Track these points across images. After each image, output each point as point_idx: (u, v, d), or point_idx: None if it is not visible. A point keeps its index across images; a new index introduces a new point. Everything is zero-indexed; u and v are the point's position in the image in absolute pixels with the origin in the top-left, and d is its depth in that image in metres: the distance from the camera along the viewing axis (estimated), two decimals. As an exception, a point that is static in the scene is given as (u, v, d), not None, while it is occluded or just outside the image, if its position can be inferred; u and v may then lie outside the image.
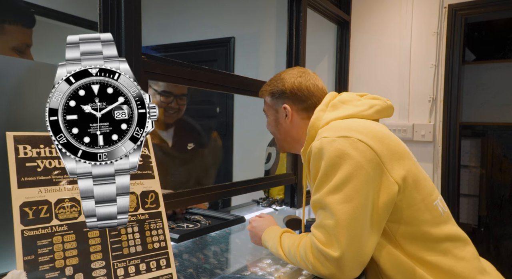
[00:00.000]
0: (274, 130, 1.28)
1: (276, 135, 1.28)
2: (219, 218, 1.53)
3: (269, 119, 1.29)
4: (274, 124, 1.27)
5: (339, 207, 0.94)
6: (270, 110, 1.27)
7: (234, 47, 2.94)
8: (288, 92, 1.22)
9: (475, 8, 2.21)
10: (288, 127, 1.24)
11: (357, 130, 1.01)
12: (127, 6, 1.03)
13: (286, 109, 1.22)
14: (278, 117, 1.25)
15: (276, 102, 1.25)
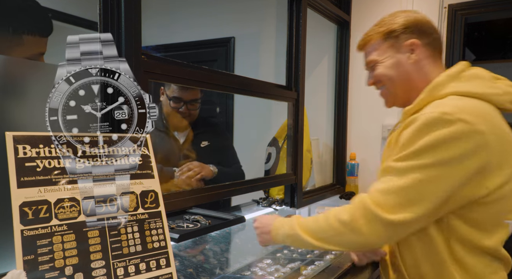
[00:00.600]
0: (393, 74, 1.13)
1: (394, 81, 1.13)
2: (219, 218, 1.53)
3: (385, 63, 1.13)
4: (394, 66, 1.12)
5: (416, 175, 0.90)
6: (387, 52, 1.13)
7: (234, 47, 2.94)
8: (412, 25, 1.10)
9: (475, 8, 2.21)
10: (411, 69, 1.11)
11: (484, 118, 0.92)
12: (127, 6, 1.03)
13: (414, 44, 1.10)
14: (400, 57, 1.12)
15: (397, 40, 1.12)
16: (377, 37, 1.14)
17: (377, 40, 1.14)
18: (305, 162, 2.07)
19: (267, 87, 1.76)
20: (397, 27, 1.11)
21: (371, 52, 1.16)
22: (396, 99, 1.16)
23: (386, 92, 1.17)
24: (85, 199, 0.74)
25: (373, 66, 1.16)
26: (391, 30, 1.12)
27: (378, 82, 1.17)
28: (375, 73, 1.15)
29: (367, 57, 1.18)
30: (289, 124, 1.96)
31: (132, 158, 0.84)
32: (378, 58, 1.14)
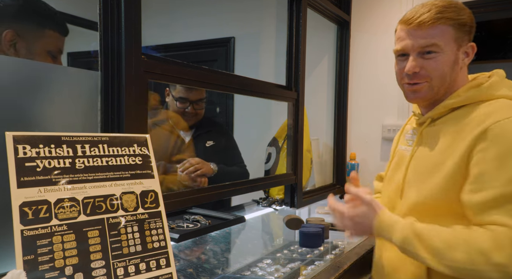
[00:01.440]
0: (447, 72, 1.00)
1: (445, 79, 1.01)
2: (219, 217, 1.53)
3: (444, 57, 1.00)
4: (451, 63, 1.01)
5: None
6: (451, 45, 1.00)
7: (234, 47, 2.94)
8: (473, 27, 1.04)
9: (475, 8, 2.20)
10: (457, 73, 1.03)
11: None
12: (127, 6, 1.03)
13: (473, 49, 1.05)
14: (458, 57, 1.02)
15: (463, 37, 1.02)
16: (449, 22, 0.99)
17: (448, 26, 0.99)
18: (305, 162, 2.07)
19: (267, 87, 1.76)
20: (469, 23, 1.02)
21: (436, 35, 0.98)
22: (430, 98, 1.04)
23: (425, 88, 1.02)
24: (85, 199, 0.74)
25: (428, 54, 0.99)
26: (463, 22, 1.01)
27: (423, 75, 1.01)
28: (429, 64, 0.99)
29: (426, 39, 0.98)
30: (289, 124, 1.96)
31: (132, 158, 0.84)
32: (440, 45, 0.98)
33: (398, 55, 1.06)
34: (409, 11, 1.03)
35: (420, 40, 0.99)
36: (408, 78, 1.03)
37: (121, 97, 1.03)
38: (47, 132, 0.75)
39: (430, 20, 0.97)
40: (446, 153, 0.95)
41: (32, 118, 0.89)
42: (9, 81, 0.84)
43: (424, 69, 1.00)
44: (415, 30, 0.99)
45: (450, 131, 0.97)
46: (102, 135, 0.82)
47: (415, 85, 1.03)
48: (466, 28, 1.01)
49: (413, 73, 1.01)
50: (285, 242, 1.52)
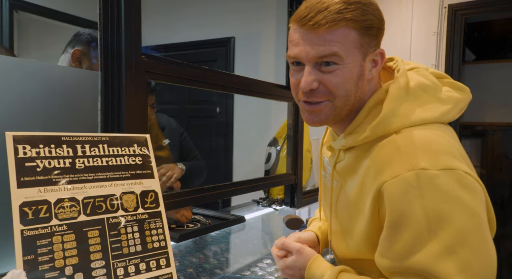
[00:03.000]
0: (351, 88, 0.79)
1: (349, 98, 0.80)
2: (219, 217, 1.53)
3: (348, 71, 0.78)
4: (356, 79, 0.79)
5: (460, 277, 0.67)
6: (355, 54, 0.78)
7: (234, 47, 2.94)
8: (382, 26, 0.80)
9: (475, 8, 2.21)
10: (363, 87, 0.82)
11: (453, 154, 0.74)
12: (127, 6, 1.03)
13: (382, 56, 0.82)
14: (363, 69, 0.80)
15: (369, 44, 0.79)
16: (351, 25, 0.76)
17: (349, 29, 0.76)
18: (305, 162, 2.07)
19: (267, 87, 1.76)
20: (376, 23, 0.79)
21: (336, 42, 0.76)
22: (332, 119, 0.83)
23: (327, 108, 0.81)
24: (85, 199, 0.74)
25: (328, 66, 0.78)
26: (369, 24, 0.77)
27: (325, 93, 0.80)
28: (330, 80, 0.78)
29: (324, 46, 0.76)
30: (289, 124, 1.96)
31: (132, 158, 0.84)
32: (344, 58, 0.77)
33: (292, 63, 0.83)
34: (303, 5, 0.79)
35: (317, 48, 0.76)
36: (305, 95, 0.81)
37: (121, 97, 1.03)
38: (47, 133, 0.75)
39: (328, 22, 0.75)
40: (357, 208, 0.83)
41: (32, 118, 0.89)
42: (9, 81, 0.84)
43: (323, 85, 0.79)
44: (309, 34, 0.77)
45: (357, 178, 0.83)
46: (102, 135, 0.82)
47: (314, 106, 0.82)
48: (373, 32, 0.78)
49: (310, 91, 0.80)
50: (285, 242, 1.52)
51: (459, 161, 0.74)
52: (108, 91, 1.03)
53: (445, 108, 0.82)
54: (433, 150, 0.74)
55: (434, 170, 0.71)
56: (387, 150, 0.77)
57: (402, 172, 0.72)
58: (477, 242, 0.69)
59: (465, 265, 0.68)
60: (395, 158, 0.75)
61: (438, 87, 0.84)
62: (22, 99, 0.87)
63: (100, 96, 1.02)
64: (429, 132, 0.78)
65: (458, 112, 0.84)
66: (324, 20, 0.75)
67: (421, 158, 0.72)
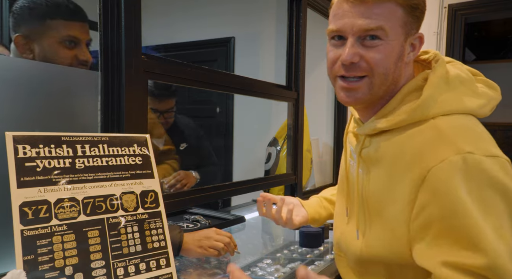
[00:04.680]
0: (391, 68, 0.78)
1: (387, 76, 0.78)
2: (219, 217, 1.53)
3: (390, 48, 0.77)
4: (396, 58, 0.78)
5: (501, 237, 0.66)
6: (398, 32, 0.77)
7: (234, 47, 2.94)
8: (423, 16, 0.81)
9: (475, 8, 2.21)
10: (401, 69, 0.80)
11: (494, 143, 0.75)
12: (127, 6, 1.03)
13: (419, 39, 0.82)
14: (404, 49, 0.79)
15: (412, 25, 0.79)
16: (399, 1, 0.76)
17: (396, 6, 0.76)
18: (305, 162, 2.07)
19: (267, 87, 1.76)
20: (421, 5, 0.79)
21: (383, 16, 0.75)
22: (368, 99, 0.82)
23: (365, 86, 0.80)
24: (85, 199, 0.74)
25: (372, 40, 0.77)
26: (416, 3, 0.78)
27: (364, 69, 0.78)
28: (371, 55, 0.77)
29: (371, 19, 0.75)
30: (289, 124, 1.96)
31: (132, 157, 0.84)
32: (388, 33, 0.75)
33: (332, 38, 0.81)
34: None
35: (363, 21, 0.75)
36: (345, 69, 0.79)
37: (121, 97, 1.03)
38: (47, 133, 0.75)
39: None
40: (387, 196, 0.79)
41: (32, 118, 0.89)
42: (9, 81, 0.84)
43: (364, 60, 0.77)
44: (357, 6, 0.75)
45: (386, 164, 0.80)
46: (102, 135, 0.82)
47: (353, 83, 0.80)
48: (417, 13, 0.79)
49: (350, 64, 0.78)
50: (285, 242, 1.52)
51: (499, 149, 0.73)
52: (108, 91, 1.03)
53: (481, 102, 0.81)
54: (475, 137, 0.73)
55: (480, 155, 0.69)
56: (427, 134, 0.75)
57: (449, 155, 0.69)
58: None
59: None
60: (438, 141, 0.72)
61: (473, 81, 0.84)
62: (22, 99, 0.87)
63: (100, 96, 1.02)
64: (467, 120, 0.77)
65: (490, 109, 0.83)
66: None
67: (466, 142, 0.70)
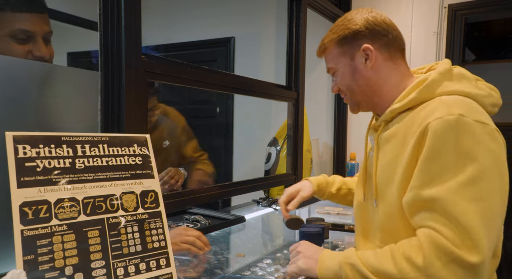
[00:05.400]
0: (351, 84, 1.07)
1: (353, 89, 1.07)
2: (219, 217, 1.53)
3: (341, 72, 1.08)
4: (350, 75, 1.06)
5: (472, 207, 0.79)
6: (342, 61, 1.07)
7: (234, 47, 2.94)
8: (364, 29, 1.03)
9: (475, 8, 2.21)
10: (368, 75, 1.04)
11: (487, 116, 0.90)
12: (127, 6, 1.03)
13: (368, 49, 1.02)
14: (355, 65, 1.05)
15: (350, 47, 1.05)
16: (331, 45, 1.08)
17: (332, 48, 1.08)
18: (305, 162, 2.07)
19: (267, 87, 1.76)
20: (348, 33, 1.04)
21: (329, 60, 1.10)
22: (360, 106, 1.09)
23: (349, 100, 1.11)
24: (85, 199, 0.74)
25: (334, 74, 1.11)
26: (343, 36, 1.05)
27: (341, 91, 1.11)
28: (337, 82, 1.10)
29: (327, 65, 1.12)
30: (289, 124, 1.96)
31: (132, 158, 0.84)
32: (335, 66, 1.08)
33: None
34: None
35: (326, 67, 1.13)
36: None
37: (121, 97, 1.03)
38: (47, 133, 0.75)
39: (319, 51, 1.12)
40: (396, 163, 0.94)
41: (32, 118, 0.89)
42: (9, 81, 0.84)
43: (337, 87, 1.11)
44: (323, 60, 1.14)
45: (398, 138, 0.96)
46: (102, 135, 0.82)
47: (344, 100, 1.14)
48: (349, 39, 1.04)
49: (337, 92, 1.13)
50: (285, 242, 1.52)
51: (491, 121, 0.88)
52: (108, 91, 1.03)
53: (481, 92, 0.95)
54: (471, 107, 0.87)
55: (471, 119, 0.83)
56: (431, 105, 0.91)
57: (445, 115, 0.84)
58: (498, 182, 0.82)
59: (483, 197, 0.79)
60: (439, 106, 0.88)
61: (475, 79, 1.00)
62: (22, 99, 0.87)
63: (100, 96, 1.02)
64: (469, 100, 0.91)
65: (490, 104, 0.96)
66: (319, 51, 1.12)
67: (461, 109, 0.85)
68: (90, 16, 1.09)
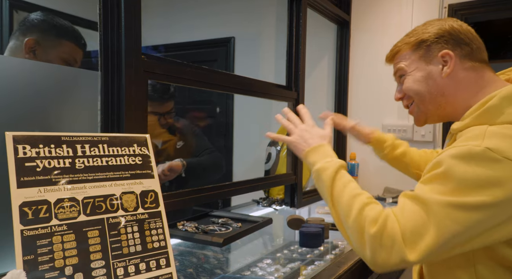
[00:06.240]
0: (421, 90, 1.02)
1: (423, 97, 1.02)
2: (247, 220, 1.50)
3: (413, 76, 1.03)
4: (423, 80, 1.01)
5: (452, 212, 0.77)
6: (416, 64, 1.02)
7: (234, 47, 2.94)
8: (447, 35, 0.99)
9: (475, 8, 2.21)
10: (443, 83, 0.99)
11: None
12: (127, 6, 1.03)
13: (448, 55, 0.97)
14: (430, 70, 1.00)
15: (428, 51, 1.01)
16: (407, 47, 1.05)
17: (406, 51, 1.05)
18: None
19: (267, 87, 1.76)
20: (429, 37, 1.01)
21: (399, 62, 1.07)
22: (428, 117, 1.06)
23: (415, 109, 1.07)
24: (85, 199, 0.74)
25: (402, 79, 1.07)
26: (421, 39, 1.02)
27: (407, 98, 1.08)
28: (403, 87, 1.06)
29: (395, 67, 1.09)
30: (289, 124, 1.96)
31: (132, 157, 0.84)
32: (407, 69, 1.04)
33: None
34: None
35: (394, 70, 1.11)
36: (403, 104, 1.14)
37: (121, 97, 1.03)
38: (47, 133, 0.75)
39: (390, 54, 1.11)
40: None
41: (32, 118, 0.89)
42: (9, 81, 0.84)
43: (404, 93, 1.08)
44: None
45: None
46: (102, 135, 0.82)
47: (410, 111, 1.12)
48: (428, 42, 1.01)
49: (400, 100, 1.12)
50: (285, 242, 1.52)
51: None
52: (108, 91, 1.03)
53: None
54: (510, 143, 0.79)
55: (499, 155, 0.77)
56: (472, 132, 0.86)
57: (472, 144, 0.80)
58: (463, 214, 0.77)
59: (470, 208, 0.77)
60: (474, 137, 0.84)
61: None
62: (22, 99, 0.87)
63: (100, 96, 1.02)
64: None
65: None
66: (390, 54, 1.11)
67: (496, 142, 0.79)
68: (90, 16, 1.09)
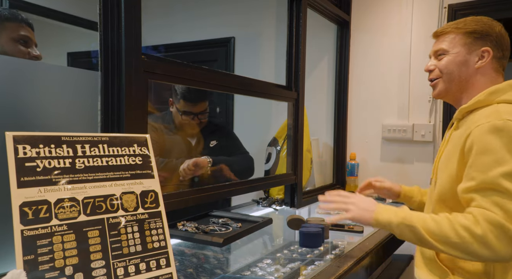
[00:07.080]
0: (454, 71, 1.19)
1: (453, 77, 1.20)
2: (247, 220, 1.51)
3: (452, 57, 1.20)
4: (458, 64, 1.19)
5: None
6: (460, 49, 1.19)
7: (234, 47, 2.93)
8: (495, 36, 1.17)
9: (475, 8, 2.21)
10: (471, 73, 1.18)
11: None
12: (127, 6, 1.03)
13: (487, 52, 1.16)
14: (468, 59, 1.18)
15: (474, 43, 1.18)
16: (457, 32, 1.19)
17: (455, 34, 1.19)
18: (305, 162, 2.07)
19: (267, 87, 1.76)
20: (480, 30, 1.16)
21: (444, 41, 1.21)
22: (447, 94, 1.24)
23: (440, 84, 1.23)
24: (85, 199, 0.74)
25: (440, 56, 1.22)
26: (474, 30, 1.17)
27: (436, 73, 1.23)
28: (439, 63, 1.21)
29: (438, 45, 1.23)
30: (289, 124, 1.96)
31: (132, 158, 0.84)
32: (449, 49, 1.19)
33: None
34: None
35: (435, 47, 1.25)
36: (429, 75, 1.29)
37: (121, 97, 1.03)
38: (47, 133, 0.75)
39: (440, 31, 1.24)
40: (453, 152, 1.13)
41: (32, 118, 0.89)
42: (9, 81, 0.84)
43: (436, 67, 1.24)
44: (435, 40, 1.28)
45: (457, 137, 1.13)
46: (102, 135, 0.82)
47: (432, 82, 1.27)
48: (476, 35, 1.17)
49: (429, 71, 1.27)
50: (285, 242, 1.52)
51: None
52: (108, 91, 1.03)
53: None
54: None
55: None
56: (487, 111, 1.08)
57: (494, 120, 1.02)
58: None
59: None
60: (492, 114, 1.05)
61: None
62: (22, 99, 0.87)
63: (100, 96, 1.02)
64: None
65: None
66: (440, 29, 1.24)
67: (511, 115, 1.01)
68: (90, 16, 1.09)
